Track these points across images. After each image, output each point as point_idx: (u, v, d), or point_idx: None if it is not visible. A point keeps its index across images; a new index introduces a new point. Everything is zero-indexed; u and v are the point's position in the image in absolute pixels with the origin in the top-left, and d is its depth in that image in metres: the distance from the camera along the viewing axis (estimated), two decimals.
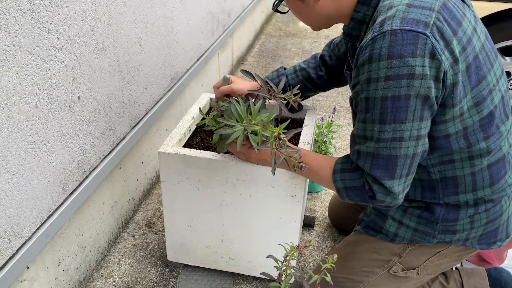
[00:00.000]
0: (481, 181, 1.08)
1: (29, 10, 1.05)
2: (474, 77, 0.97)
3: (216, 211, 1.37)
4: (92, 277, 1.54)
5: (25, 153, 1.11)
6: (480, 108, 1.00)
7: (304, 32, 4.06)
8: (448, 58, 0.91)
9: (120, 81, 1.53)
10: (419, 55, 0.89)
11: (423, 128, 0.96)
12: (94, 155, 1.44)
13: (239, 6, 3.07)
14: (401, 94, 0.91)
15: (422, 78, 0.90)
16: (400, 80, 0.90)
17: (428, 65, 0.90)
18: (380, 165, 0.99)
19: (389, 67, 0.90)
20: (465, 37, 0.96)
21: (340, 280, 1.25)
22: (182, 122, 1.47)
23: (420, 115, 0.94)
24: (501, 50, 2.31)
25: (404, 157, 0.98)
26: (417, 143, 0.97)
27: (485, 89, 1.00)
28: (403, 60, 0.89)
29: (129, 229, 1.76)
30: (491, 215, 1.13)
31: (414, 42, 0.89)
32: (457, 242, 1.17)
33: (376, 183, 1.01)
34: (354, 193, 1.07)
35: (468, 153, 1.04)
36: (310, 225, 1.78)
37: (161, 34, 1.81)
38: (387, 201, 1.03)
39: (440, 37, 0.91)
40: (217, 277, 1.54)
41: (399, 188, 1.01)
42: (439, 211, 1.12)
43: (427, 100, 0.93)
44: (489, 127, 1.03)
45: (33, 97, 1.11)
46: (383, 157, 0.98)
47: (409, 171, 1.01)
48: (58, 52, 1.17)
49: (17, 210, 1.12)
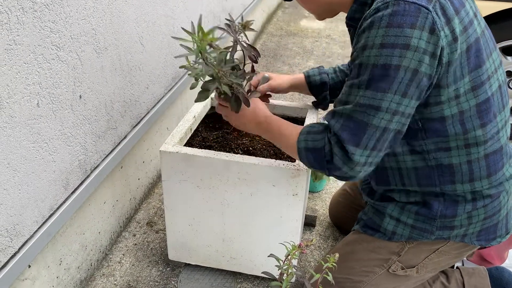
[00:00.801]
0: (478, 171, 1.07)
1: (31, 9, 1.05)
2: (474, 60, 0.97)
3: (217, 210, 1.37)
4: (94, 276, 1.54)
5: (27, 152, 1.11)
6: (477, 92, 0.99)
7: (305, 32, 4.06)
8: (447, 35, 0.91)
9: (122, 80, 1.53)
10: (418, 27, 0.89)
11: (403, 105, 0.94)
12: (96, 154, 1.44)
13: (240, 5, 3.07)
14: (392, 63, 0.91)
15: (415, 51, 0.90)
16: (394, 49, 0.90)
17: (426, 40, 0.90)
18: (349, 128, 0.97)
19: (386, 35, 0.91)
20: (467, 18, 0.96)
21: (340, 281, 1.25)
22: (183, 121, 1.47)
23: (404, 90, 0.93)
24: (503, 49, 2.31)
25: (375, 128, 0.96)
26: (392, 118, 0.95)
27: (484, 74, 1.00)
28: (401, 30, 0.90)
29: (130, 228, 1.76)
30: (489, 210, 1.13)
31: (415, 14, 0.89)
32: (455, 238, 1.16)
33: (338, 145, 0.99)
34: (313, 155, 1.05)
35: (464, 140, 1.03)
36: (312, 224, 1.78)
37: (162, 33, 1.81)
38: (343, 169, 1.00)
39: (442, 13, 0.91)
40: (218, 276, 1.55)
41: (360, 159, 0.98)
42: (437, 207, 1.12)
43: (416, 75, 0.92)
44: (486, 114, 1.02)
45: (35, 96, 1.11)
46: (355, 121, 0.97)
47: (375, 145, 0.98)
48: (59, 51, 1.18)
49: (19, 209, 1.12)
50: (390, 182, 1.17)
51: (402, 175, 1.14)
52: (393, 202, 1.19)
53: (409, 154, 1.09)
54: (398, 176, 1.14)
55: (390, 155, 1.12)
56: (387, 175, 1.17)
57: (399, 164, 1.12)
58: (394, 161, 1.12)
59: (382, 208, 1.21)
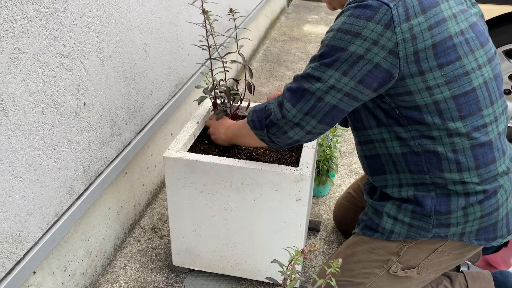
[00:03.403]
0: (465, 161, 1.09)
1: (35, 18, 1.06)
2: (444, 56, 1.03)
3: (220, 216, 1.38)
4: (98, 282, 1.55)
5: (31, 159, 1.12)
6: (451, 86, 1.05)
7: (308, 37, 4.07)
8: (404, 32, 0.99)
9: (125, 87, 1.55)
10: (374, 21, 0.99)
11: (342, 82, 1.04)
12: (100, 161, 1.45)
13: (243, 11, 3.08)
14: (339, 45, 1.03)
15: (364, 40, 1.00)
16: (345, 35, 1.02)
17: (379, 32, 0.99)
18: (293, 89, 1.11)
19: (345, 22, 1.02)
20: (436, 18, 1.02)
21: (342, 284, 1.25)
22: (187, 127, 1.48)
23: (345, 70, 1.03)
24: (506, 53, 2.30)
25: (311, 95, 1.08)
26: (328, 91, 1.06)
27: (458, 70, 1.05)
28: (357, 20, 1.01)
29: (134, 234, 1.77)
30: (486, 208, 1.13)
31: (375, 9, 0.99)
32: (453, 237, 1.16)
33: (280, 102, 1.13)
34: (256, 114, 1.21)
35: (446, 130, 1.08)
36: (316, 229, 1.78)
37: (166, 40, 1.82)
38: (279, 124, 1.14)
39: (404, 11, 0.99)
40: (223, 282, 1.55)
41: (294, 118, 1.11)
42: (430, 203, 1.13)
43: (361, 60, 1.01)
44: (466, 107, 1.06)
45: (39, 103, 1.12)
46: (299, 85, 1.10)
47: (309, 111, 1.09)
48: (64, 59, 1.19)
49: (24, 216, 1.13)
50: (385, 170, 1.20)
51: (394, 161, 1.17)
52: (390, 200, 1.20)
53: (396, 139, 1.14)
54: (391, 162, 1.18)
55: (380, 141, 1.18)
56: (381, 163, 1.20)
57: (389, 150, 1.17)
58: (384, 147, 1.17)
59: (380, 207, 1.21)
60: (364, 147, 1.24)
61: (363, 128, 1.20)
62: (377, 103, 1.12)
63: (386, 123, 1.13)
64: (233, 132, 1.40)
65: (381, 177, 1.22)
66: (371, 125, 1.17)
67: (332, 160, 1.86)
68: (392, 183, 1.20)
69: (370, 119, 1.16)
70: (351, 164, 2.25)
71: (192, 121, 1.52)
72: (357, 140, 1.26)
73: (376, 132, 1.17)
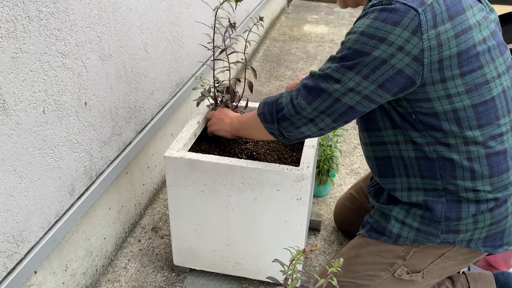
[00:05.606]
0: (479, 170, 1.08)
1: (36, 17, 1.06)
2: (467, 64, 1.01)
3: (221, 215, 1.38)
4: (99, 281, 1.55)
5: (33, 159, 1.12)
6: (471, 95, 1.03)
7: (308, 37, 4.07)
8: (431, 39, 0.96)
9: (126, 87, 1.55)
10: (401, 26, 0.96)
11: (362, 86, 1.02)
12: (101, 160, 1.45)
13: (243, 11, 3.08)
14: (363, 50, 0.99)
15: (390, 45, 0.96)
16: (370, 39, 0.98)
17: (405, 38, 0.96)
18: (309, 87, 1.09)
19: (369, 26, 0.98)
20: (463, 25, 1.00)
21: (345, 285, 1.25)
22: (187, 127, 1.48)
23: (367, 74, 1.00)
24: None
25: (328, 95, 1.06)
26: (347, 93, 1.04)
27: (480, 78, 1.03)
28: (384, 24, 0.97)
29: (135, 233, 1.77)
30: (496, 216, 1.12)
31: (403, 14, 0.95)
32: (460, 243, 1.16)
33: (295, 97, 1.11)
34: (267, 106, 1.18)
35: (462, 138, 1.06)
36: (316, 229, 1.78)
37: (166, 40, 1.82)
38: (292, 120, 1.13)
39: (432, 17, 0.96)
40: (224, 281, 1.55)
41: (308, 115, 1.10)
42: (440, 208, 1.12)
43: (384, 64, 0.98)
44: (484, 116, 1.05)
45: (40, 103, 1.12)
46: (316, 84, 1.07)
47: (324, 111, 1.08)
48: (65, 59, 1.19)
49: (25, 215, 1.13)
50: (395, 174, 1.18)
51: (406, 165, 1.15)
52: (398, 205, 1.19)
53: (410, 143, 1.12)
54: (402, 165, 1.16)
55: (393, 143, 1.15)
56: (391, 165, 1.18)
57: (402, 153, 1.15)
58: (397, 150, 1.15)
59: (388, 211, 1.21)
60: (375, 148, 1.21)
61: (377, 129, 1.17)
62: (393, 105, 1.10)
63: (401, 126, 1.11)
64: (240, 123, 1.38)
65: (389, 179, 1.20)
66: (386, 127, 1.15)
67: (333, 159, 1.86)
68: (401, 186, 1.18)
69: (385, 121, 1.14)
70: (352, 164, 2.25)
71: (193, 121, 1.52)
72: (367, 140, 1.22)
73: (390, 133, 1.15)
